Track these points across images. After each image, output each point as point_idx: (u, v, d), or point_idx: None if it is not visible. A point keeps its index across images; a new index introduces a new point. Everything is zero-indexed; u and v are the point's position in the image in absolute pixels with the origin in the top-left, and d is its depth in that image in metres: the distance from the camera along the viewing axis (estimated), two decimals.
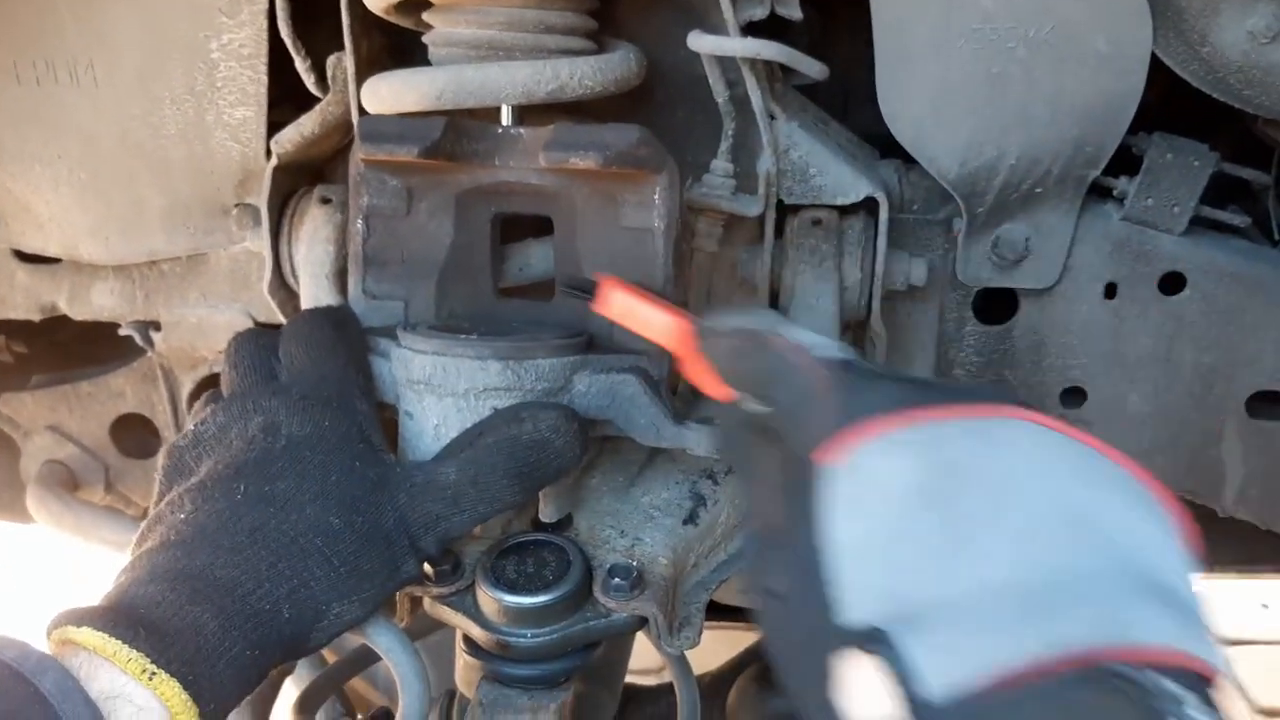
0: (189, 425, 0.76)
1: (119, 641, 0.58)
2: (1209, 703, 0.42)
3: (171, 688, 0.58)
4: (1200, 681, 0.43)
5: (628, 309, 0.77)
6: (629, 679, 1.18)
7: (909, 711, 0.43)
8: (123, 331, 1.13)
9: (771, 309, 0.92)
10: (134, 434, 1.24)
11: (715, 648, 1.28)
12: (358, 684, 1.24)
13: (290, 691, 0.97)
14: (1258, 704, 2.15)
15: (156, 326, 1.11)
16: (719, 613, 1.20)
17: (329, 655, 1.05)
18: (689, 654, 0.84)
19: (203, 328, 1.10)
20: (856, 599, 0.47)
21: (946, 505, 0.48)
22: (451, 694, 0.89)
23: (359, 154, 0.80)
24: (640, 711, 1.12)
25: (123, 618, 0.60)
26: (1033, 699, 0.42)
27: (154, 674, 0.58)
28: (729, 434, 0.67)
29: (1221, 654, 0.45)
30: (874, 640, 0.45)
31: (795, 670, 0.53)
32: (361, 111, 0.87)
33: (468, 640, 0.76)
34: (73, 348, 1.28)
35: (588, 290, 0.78)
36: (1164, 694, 0.41)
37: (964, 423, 0.52)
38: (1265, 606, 2.59)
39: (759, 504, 0.61)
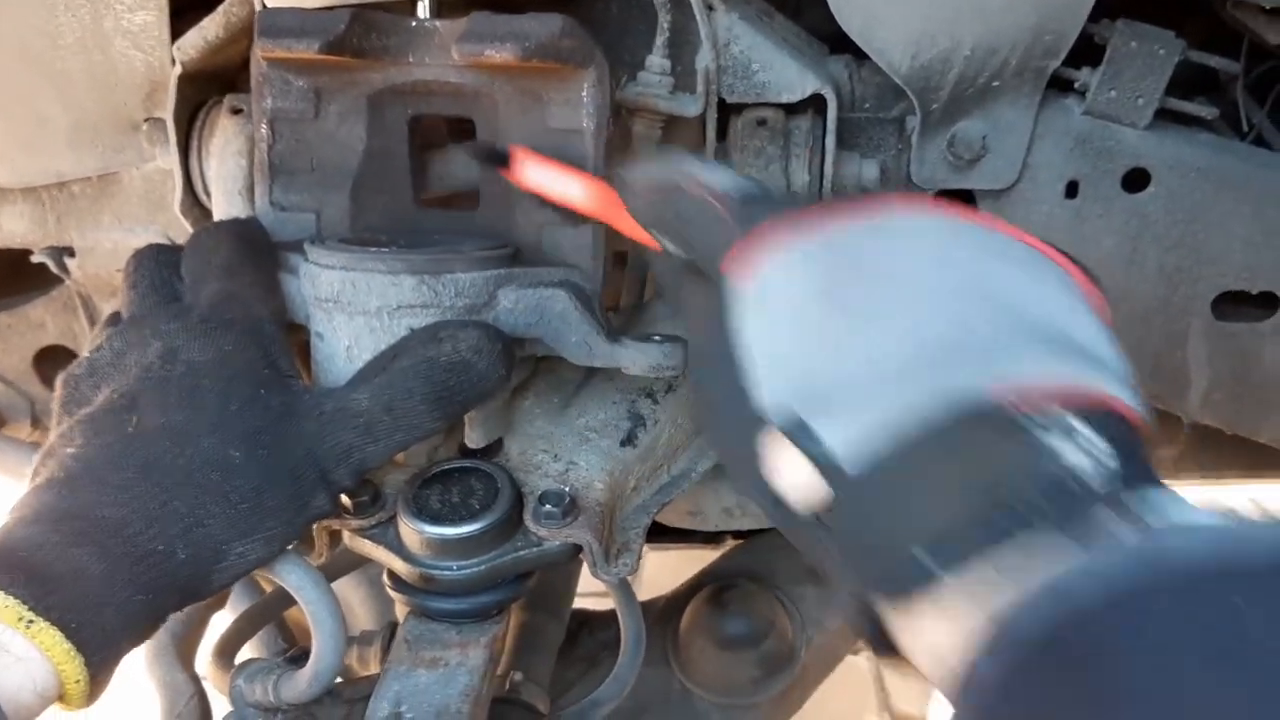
0: (84, 351, 0.70)
1: None
2: (1104, 429, 0.44)
3: (51, 636, 0.54)
4: (1101, 415, 0.45)
5: (544, 177, 0.72)
6: (583, 603, 1.15)
7: (825, 481, 0.46)
8: (35, 258, 1.07)
9: (686, 151, 0.87)
10: (58, 366, 1.17)
11: (681, 568, 1.26)
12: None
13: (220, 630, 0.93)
14: None
15: (71, 253, 1.06)
16: (675, 535, 1.18)
17: (267, 589, 1.02)
18: (645, 578, 0.81)
19: (119, 252, 1.04)
20: (770, 392, 0.50)
21: (844, 297, 0.50)
22: (393, 627, 0.85)
23: (258, 51, 0.74)
24: (593, 637, 1.09)
25: (0, 562, 0.55)
26: (926, 450, 0.44)
27: (31, 621, 0.53)
28: (666, 282, 0.67)
29: (1135, 395, 0.47)
30: (787, 424, 0.48)
31: (732, 463, 0.56)
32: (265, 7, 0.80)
33: (392, 575, 0.72)
34: None
35: (501, 160, 0.73)
36: (1046, 419, 0.43)
37: (860, 220, 0.54)
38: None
39: (693, 333, 0.62)
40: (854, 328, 0.49)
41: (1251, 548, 0.39)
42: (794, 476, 0.48)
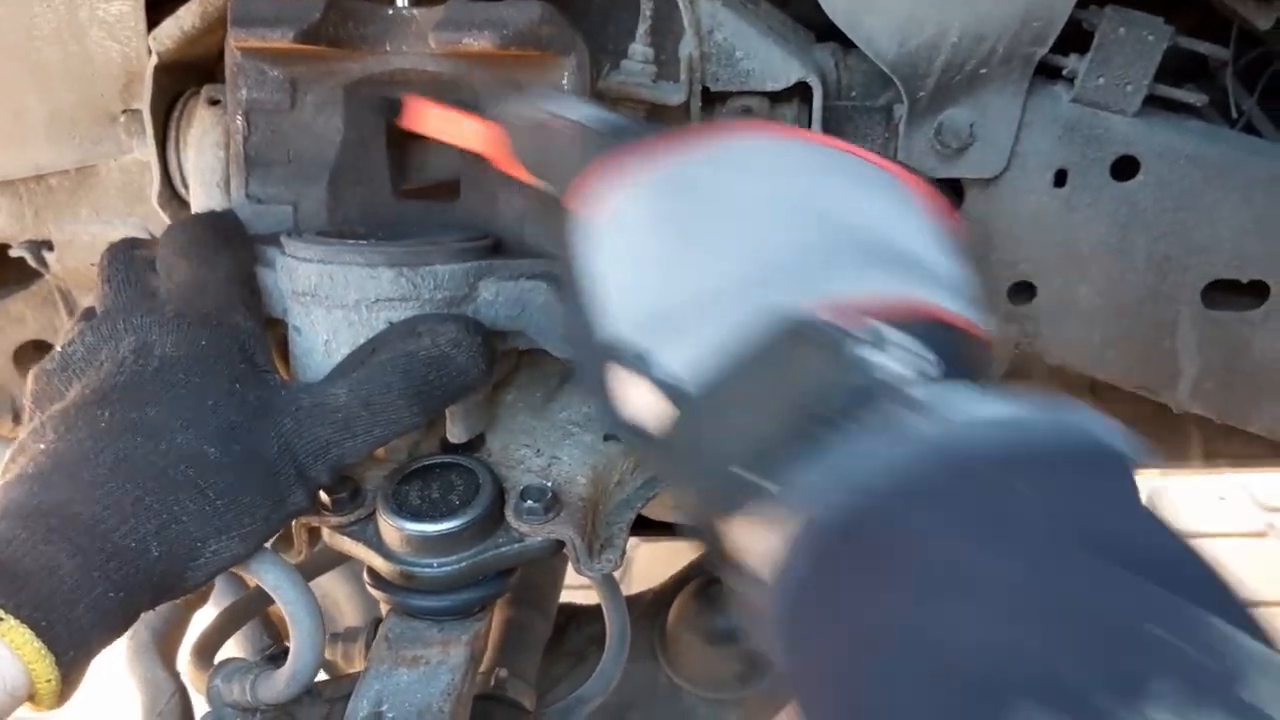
0: (57, 346, 0.69)
1: None
2: (931, 339, 0.46)
3: (22, 634, 0.52)
4: (933, 326, 0.47)
5: (438, 121, 0.72)
6: (571, 597, 1.15)
7: (669, 402, 0.48)
8: (14, 252, 1.06)
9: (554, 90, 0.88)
10: (39, 361, 1.18)
11: (673, 561, 1.25)
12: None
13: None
14: None
15: (49, 246, 1.04)
16: (662, 529, 1.17)
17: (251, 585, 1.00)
18: (635, 572, 0.80)
19: (97, 245, 1.02)
20: (614, 323, 0.52)
21: (682, 226, 0.52)
22: (377, 623, 0.84)
23: (232, 40, 0.73)
24: (579, 632, 1.08)
25: None
26: (748, 368, 0.46)
27: (0, 619, 0.52)
28: (545, 224, 0.68)
29: (969, 306, 0.49)
30: (629, 352, 0.50)
31: (588, 389, 0.59)
32: None
33: (372, 572, 0.71)
34: None
35: (393, 109, 0.74)
36: (860, 332, 0.45)
37: (700, 148, 0.55)
38: (1222, 499, 2.62)
39: (561, 267, 0.62)
40: (692, 254, 0.51)
41: (1031, 437, 0.42)
42: (641, 400, 0.50)
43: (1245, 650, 0.35)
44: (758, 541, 0.46)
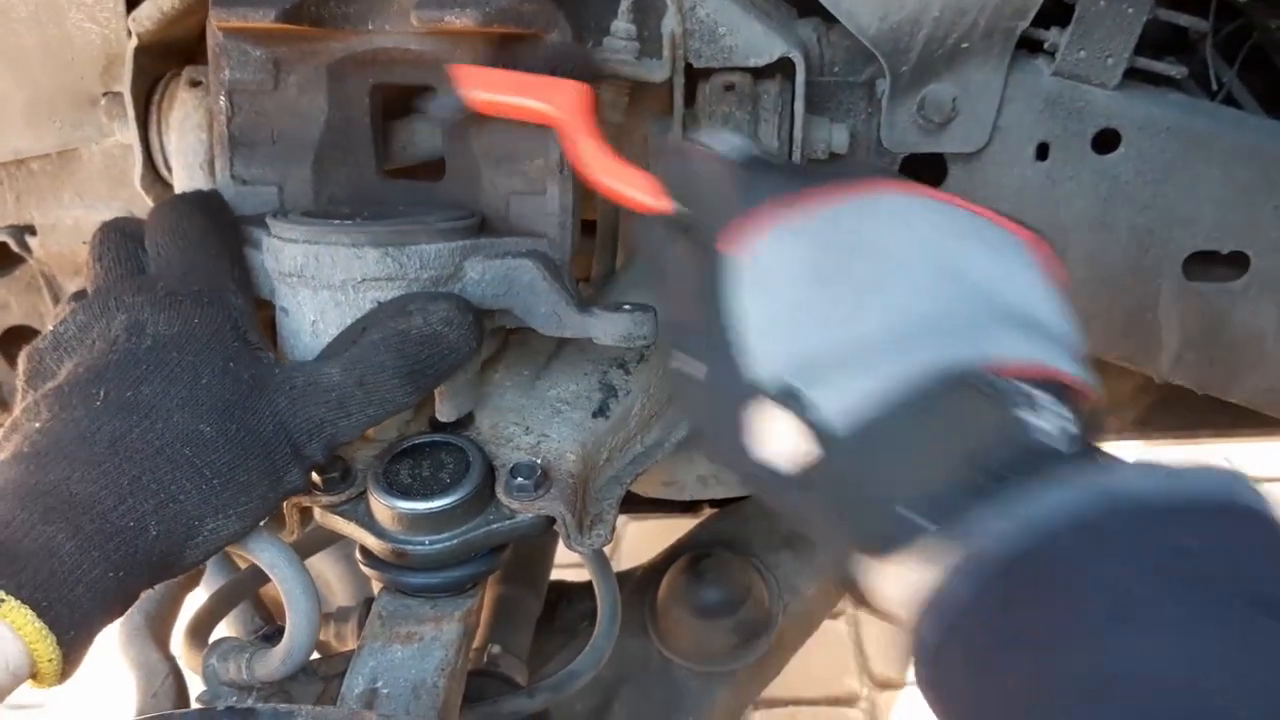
0: (49, 325, 0.69)
1: None
2: (1062, 401, 0.49)
3: (22, 615, 0.53)
4: (1059, 388, 0.50)
5: (496, 91, 0.70)
6: (562, 575, 1.15)
7: (816, 442, 0.50)
8: None
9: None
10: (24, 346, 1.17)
11: (662, 537, 1.26)
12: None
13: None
14: None
15: (32, 231, 1.04)
16: (651, 505, 1.17)
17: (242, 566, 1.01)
18: (625, 549, 0.81)
19: (81, 229, 1.02)
20: (763, 363, 0.53)
21: (836, 274, 0.54)
22: (369, 602, 0.84)
23: (214, 21, 0.72)
24: (571, 608, 1.09)
25: None
26: (912, 416, 0.49)
27: (1, 600, 0.52)
28: (647, 239, 0.68)
29: (1085, 370, 0.52)
30: (781, 391, 0.52)
31: (716, 433, 0.59)
32: None
33: (364, 551, 0.71)
34: None
35: (456, 106, 0.71)
36: (1018, 393, 0.48)
37: (850, 201, 0.57)
38: None
39: (675, 298, 0.64)
40: (845, 303, 0.53)
41: (1192, 487, 0.45)
42: (782, 441, 0.52)
43: None
44: (912, 580, 0.48)
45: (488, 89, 0.71)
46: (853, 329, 0.52)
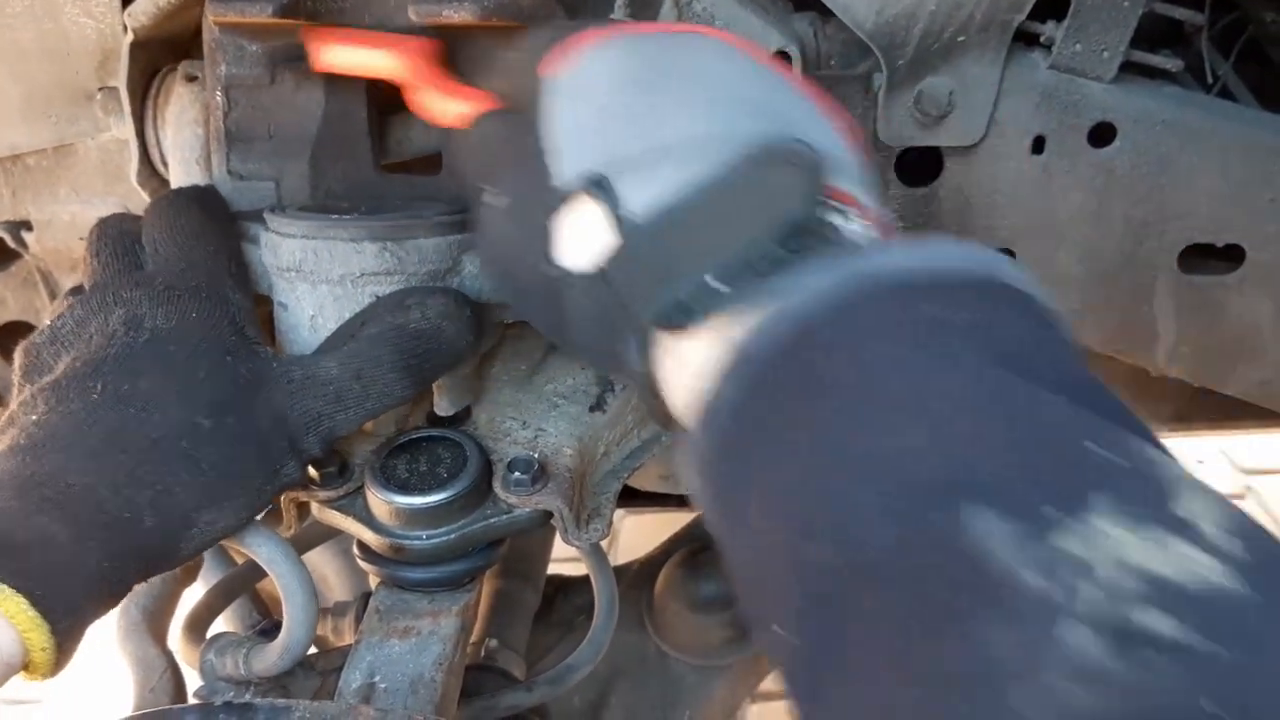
0: (46, 320, 0.69)
1: None
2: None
3: (16, 604, 0.53)
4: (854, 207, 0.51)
5: (347, 54, 0.71)
6: (559, 569, 1.15)
7: (618, 233, 0.51)
8: None
9: None
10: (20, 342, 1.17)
11: (660, 532, 1.26)
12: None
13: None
14: None
15: (28, 226, 1.04)
16: (649, 499, 1.18)
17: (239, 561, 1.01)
18: (622, 543, 0.81)
19: (77, 225, 1.02)
20: (574, 163, 0.54)
21: (651, 85, 0.55)
22: (366, 597, 0.84)
23: (209, 16, 0.72)
24: (568, 602, 1.09)
25: None
26: (713, 189, 0.49)
27: None
28: (482, 139, 0.65)
29: (868, 191, 0.54)
30: (588, 182, 0.52)
31: (519, 251, 0.58)
32: None
33: (362, 545, 0.71)
34: None
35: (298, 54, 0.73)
36: (828, 162, 0.50)
37: (665, 35, 0.60)
38: (1200, 463, 2.64)
39: (499, 171, 0.62)
40: (659, 109, 0.54)
41: (951, 264, 0.46)
42: (583, 238, 0.52)
43: (1173, 470, 0.37)
44: (692, 363, 0.49)
45: (332, 49, 0.72)
46: (665, 129, 0.53)
